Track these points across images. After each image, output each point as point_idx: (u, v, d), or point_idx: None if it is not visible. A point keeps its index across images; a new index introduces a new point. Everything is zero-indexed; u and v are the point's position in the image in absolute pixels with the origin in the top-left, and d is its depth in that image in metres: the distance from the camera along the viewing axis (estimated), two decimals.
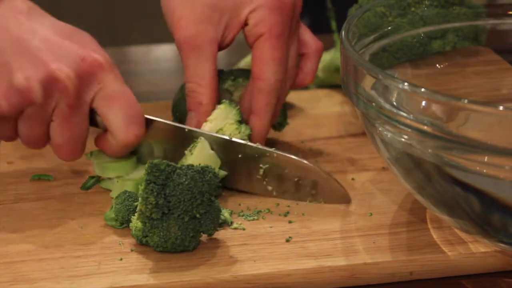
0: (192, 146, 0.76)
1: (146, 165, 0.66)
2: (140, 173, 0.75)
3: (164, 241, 0.67)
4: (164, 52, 1.21)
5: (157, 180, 0.66)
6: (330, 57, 1.01)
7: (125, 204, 0.72)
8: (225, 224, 0.73)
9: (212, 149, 0.76)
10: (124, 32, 0.92)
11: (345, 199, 0.76)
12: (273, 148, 0.77)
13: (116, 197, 0.73)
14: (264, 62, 0.78)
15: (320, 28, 1.06)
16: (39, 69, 0.70)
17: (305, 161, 0.77)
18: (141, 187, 0.67)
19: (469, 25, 0.84)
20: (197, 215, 0.67)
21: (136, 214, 0.69)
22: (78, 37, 0.73)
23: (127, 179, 0.76)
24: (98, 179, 0.79)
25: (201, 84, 0.79)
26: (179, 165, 0.67)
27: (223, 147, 0.77)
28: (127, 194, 0.73)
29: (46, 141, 0.75)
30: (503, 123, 0.58)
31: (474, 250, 0.69)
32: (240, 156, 0.77)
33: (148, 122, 0.77)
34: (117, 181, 0.75)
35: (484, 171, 0.60)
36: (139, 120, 0.74)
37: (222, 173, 0.76)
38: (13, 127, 0.74)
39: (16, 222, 0.75)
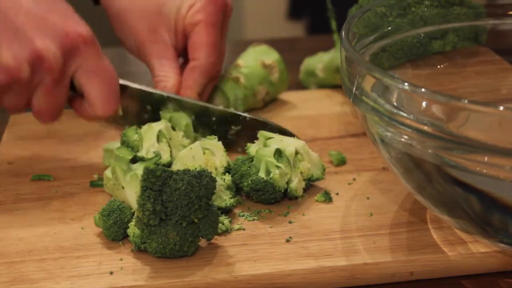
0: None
1: (142, 172, 0.66)
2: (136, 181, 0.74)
3: (162, 247, 0.67)
4: None
5: (153, 186, 0.65)
6: (330, 57, 1.01)
7: (116, 220, 0.71)
8: (226, 232, 0.72)
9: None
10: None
11: None
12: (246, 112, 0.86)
13: (103, 211, 0.72)
14: (201, 46, 0.88)
15: (320, 28, 1.06)
16: (26, 48, 0.72)
17: (272, 122, 0.85)
18: (138, 194, 0.66)
19: (469, 25, 0.84)
20: (195, 220, 0.67)
21: (133, 220, 0.69)
22: (59, 8, 0.76)
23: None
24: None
25: (167, 76, 0.88)
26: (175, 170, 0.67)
27: (197, 111, 0.85)
28: (117, 207, 0.71)
29: (27, 106, 0.77)
30: (503, 123, 0.58)
31: (474, 250, 0.69)
32: (214, 119, 0.85)
33: (122, 88, 0.82)
34: (117, 189, 0.74)
35: (484, 171, 0.60)
36: (116, 96, 0.79)
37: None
38: None
39: (16, 222, 0.75)
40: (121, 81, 0.83)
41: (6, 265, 0.68)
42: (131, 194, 0.73)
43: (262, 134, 0.78)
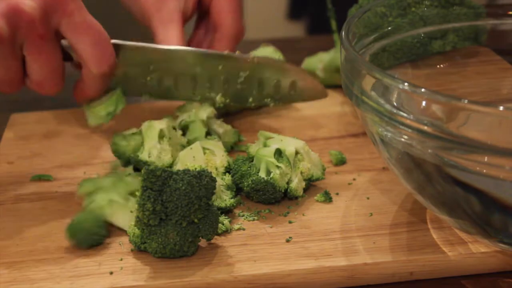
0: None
1: (142, 172, 0.66)
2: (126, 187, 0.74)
3: (162, 247, 0.67)
4: None
5: (153, 186, 0.65)
6: (330, 57, 1.00)
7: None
8: (226, 232, 0.72)
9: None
10: (124, 31, 0.92)
11: (322, 94, 0.88)
12: (252, 55, 0.85)
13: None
14: (226, 14, 0.89)
15: (320, 28, 1.06)
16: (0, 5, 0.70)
17: (282, 62, 0.85)
18: (138, 194, 0.66)
19: (470, 25, 0.84)
20: (195, 220, 0.67)
21: (133, 220, 0.69)
22: None
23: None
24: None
25: (171, 35, 0.86)
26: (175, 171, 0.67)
27: (201, 61, 0.83)
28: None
29: (22, 80, 0.75)
30: (503, 123, 0.58)
31: (474, 250, 0.69)
32: (220, 67, 0.83)
33: (116, 48, 0.80)
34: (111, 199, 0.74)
35: (484, 171, 0.60)
36: (109, 49, 0.77)
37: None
38: None
39: (16, 222, 0.75)
40: (114, 41, 0.80)
41: (6, 265, 0.68)
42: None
43: (262, 134, 0.78)
